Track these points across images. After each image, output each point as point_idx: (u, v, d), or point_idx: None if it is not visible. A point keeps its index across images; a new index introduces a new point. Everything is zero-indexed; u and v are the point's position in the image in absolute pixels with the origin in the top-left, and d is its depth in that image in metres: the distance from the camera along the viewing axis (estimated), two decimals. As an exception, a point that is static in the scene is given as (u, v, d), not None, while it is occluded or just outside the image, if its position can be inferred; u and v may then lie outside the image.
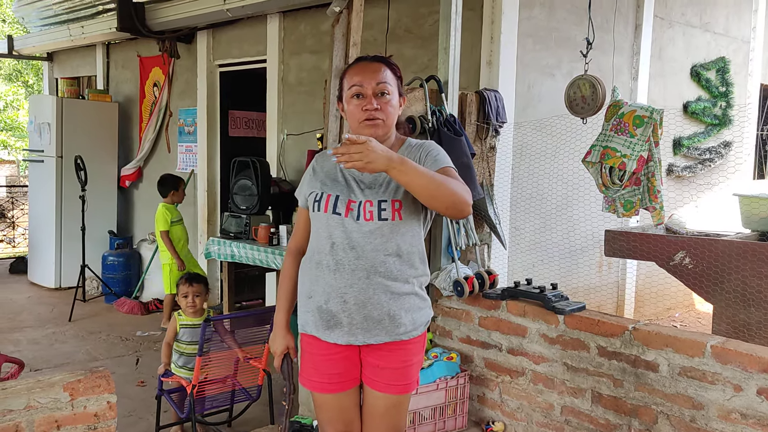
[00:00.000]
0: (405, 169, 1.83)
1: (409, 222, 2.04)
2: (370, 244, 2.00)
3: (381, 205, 2.00)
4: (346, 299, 2.01)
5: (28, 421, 2.33)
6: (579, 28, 4.35)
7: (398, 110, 2.11)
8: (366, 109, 2.02)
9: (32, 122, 7.07)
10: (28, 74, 17.09)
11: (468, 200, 1.94)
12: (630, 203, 3.63)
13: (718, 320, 3.83)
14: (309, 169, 2.20)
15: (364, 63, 2.11)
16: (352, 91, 2.05)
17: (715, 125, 5.99)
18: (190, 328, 3.37)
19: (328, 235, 2.04)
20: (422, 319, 2.10)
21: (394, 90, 2.08)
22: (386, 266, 2.01)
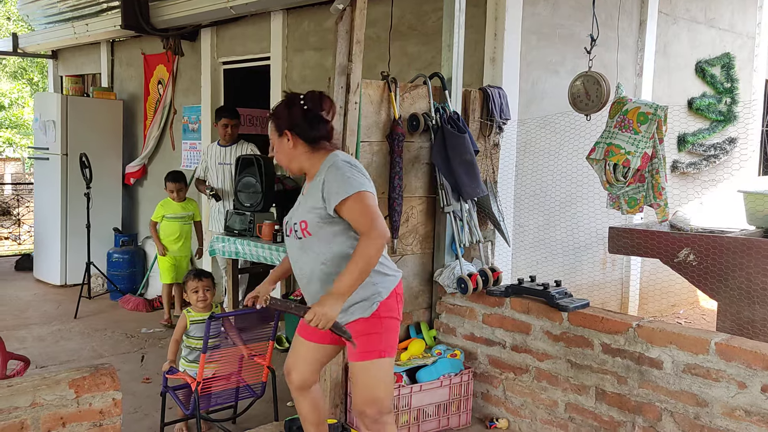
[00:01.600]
0: (345, 294, 2.28)
1: (320, 235, 2.42)
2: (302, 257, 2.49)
3: (295, 226, 2.48)
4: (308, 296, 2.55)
5: (34, 419, 2.35)
6: (583, 25, 4.34)
7: (289, 145, 2.46)
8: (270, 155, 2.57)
9: (37, 120, 7.09)
10: (33, 72, 17.14)
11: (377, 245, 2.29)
12: (634, 200, 3.62)
13: (723, 317, 3.82)
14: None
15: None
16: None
17: (720, 121, 5.97)
18: (200, 323, 3.36)
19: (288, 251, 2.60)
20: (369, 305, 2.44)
21: (274, 139, 2.51)
22: (319, 272, 2.44)
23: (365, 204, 2.32)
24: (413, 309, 3.75)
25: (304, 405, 2.73)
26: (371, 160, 3.41)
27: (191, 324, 3.37)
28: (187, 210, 5.61)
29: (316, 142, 2.45)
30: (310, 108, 2.44)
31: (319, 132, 2.44)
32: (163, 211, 5.52)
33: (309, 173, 2.50)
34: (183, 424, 3.51)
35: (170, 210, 5.53)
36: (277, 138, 2.48)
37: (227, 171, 5.31)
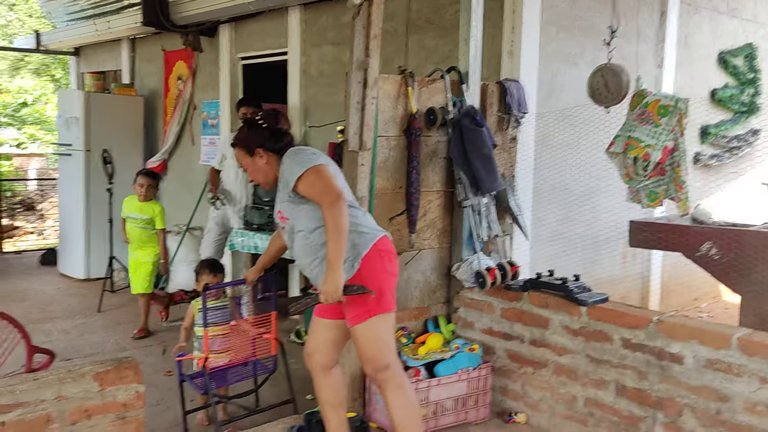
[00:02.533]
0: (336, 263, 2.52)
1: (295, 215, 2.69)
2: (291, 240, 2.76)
3: (275, 219, 2.81)
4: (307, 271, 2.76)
5: (60, 411, 2.39)
6: (603, 16, 4.29)
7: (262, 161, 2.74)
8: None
9: (60, 116, 7.19)
10: (56, 69, 17.34)
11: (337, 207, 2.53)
12: (655, 194, 3.59)
13: (746, 311, 3.78)
14: None
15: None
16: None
17: (743, 113, 5.88)
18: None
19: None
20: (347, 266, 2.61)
21: (248, 161, 2.77)
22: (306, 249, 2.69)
23: (314, 177, 2.59)
24: (431, 303, 3.75)
25: (325, 387, 2.84)
26: (388, 155, 3.42)
27: (199, 312, 3.37)
28: (145, 212, 4.97)
29: (283, 151, 2.73)
30: (269, 125, 2.77)
31: (284, 142, 2.76)
32: (126, 208, 5.08)
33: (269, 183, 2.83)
34: (204, 413, 3.55)
35: (130, 208, 5.04)
36: (249, 159, 2.76)
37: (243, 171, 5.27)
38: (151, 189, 4.98)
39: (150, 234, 5.03)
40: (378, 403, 3.33)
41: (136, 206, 4.98)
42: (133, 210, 4.99)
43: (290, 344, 4.88)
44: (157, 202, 5.12)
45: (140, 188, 4.95)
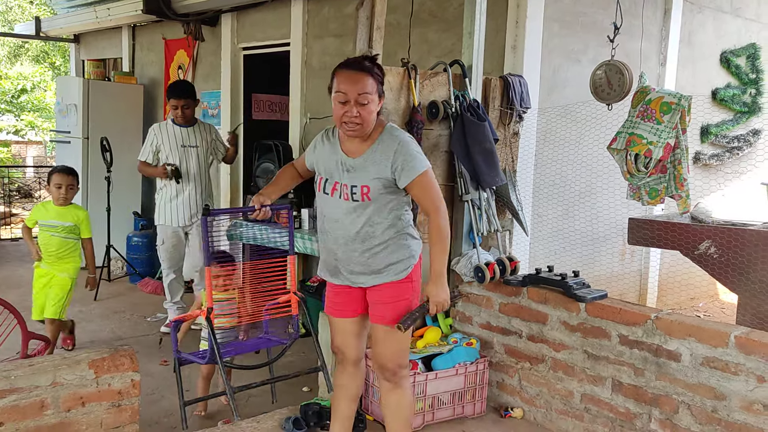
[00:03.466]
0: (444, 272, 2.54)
1: (381, 200, 2.52)
2: (350, 218, 2.54)
3: (353, 189, 2.51)
4: (337, 259, 2.62)
5: (54, 397, 2.39)
6: (606, 13, 4.27)
7: (378, 108, 2.49)
8: (347, 115, 2.43)
9: (59, 103, 7.16)
10: (55, 56, 17.28)
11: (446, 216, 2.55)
12: (655, 191, 3.58)
13: (743, 311, 3.77)
14: (315, 141, 2.71)
15: (349, 72, 2.45)
16: (337, 96, 2.44)
17: (744, 113, 5.87)
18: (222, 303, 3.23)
19: (321, 209, 2.65)
20: (404, 267, 2.58)
21: (373, 97, 2.45)
22: (366, 232, 2.53)
23: (429, 180, 2.52)
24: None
25: (353, 379, 2.81)
26: (390, 148, 3.40)
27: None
28: (66, 219, 4.13)
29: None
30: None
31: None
32: (38, 215, 4.17)
33: (363, 138, 2.53)
34: (202, 405, 3.53)
35: (45, 215, 4.14)
36: (376, 98, 2.47)
37: (194, 154, 4.83)
38: (71, 190, 4.13)
39: (72, 245, 4.18)
40: (374, 396, 3.33)
41: (54, 212, 4.11)
42: (50, 217, 4.11)
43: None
44: (80, 206, 4.36)
45: (58, 190, 4.09)
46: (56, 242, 4.12)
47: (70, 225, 4.14)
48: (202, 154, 4.88)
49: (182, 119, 4.78)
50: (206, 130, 4.93)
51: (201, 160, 4.86)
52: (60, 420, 2.40)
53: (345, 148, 2.58)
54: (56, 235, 4.12)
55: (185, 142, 4.81)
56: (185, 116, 4.77)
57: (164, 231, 4.85)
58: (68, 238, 4.16)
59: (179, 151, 4.79)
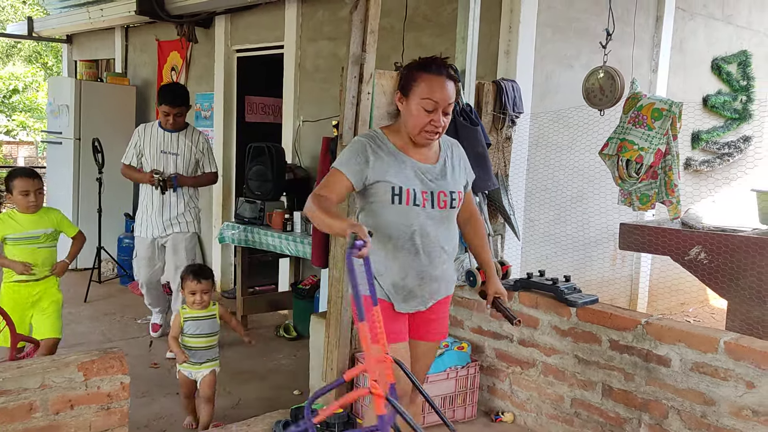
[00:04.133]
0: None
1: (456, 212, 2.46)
2: (439, 228, 2.38)
3: (452, 195, 2.38)
4: (423, 276, 2.38)
5: (42, 400, 2.37)
6: (599, 19, 4.29)
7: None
8: (433, 124, 2.30)
9: (51, 104, 7.13)
10: (48, 56, 17.21)
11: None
12: (646, 197, 3.60)
13: (733, 316, 3.80)
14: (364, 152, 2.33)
15: (440, 79, 2.30)
16: (425, 103, 2.28)
17: (735, 119, 5.91)
18: (196, 320, 3.33)
19: (408, 224, 2.33)
20: (455, 277, 2.59)
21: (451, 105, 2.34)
22: (448, 245, 2.42)
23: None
24: (421, 301, 3.74)
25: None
26: (382, 151, 3.40)
27: (185, 321, 3.30)
28: (44, 225, 3.53)
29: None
30: None
31: None
32: (3, 230, 3.47)
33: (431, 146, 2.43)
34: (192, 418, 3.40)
35: (16, 227, 3.47)
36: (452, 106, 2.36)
37: (172, 162, 4.47)
38: (40, 195, 3.54)
39: (51, 255, 3.63)
40: (365, 399, 3.32)
41: (26, 221, 3.48)
42: (25, 227, 3.47)
43: (278, 339, 4.87)
44: (49, 207, 3.75)
45: (25, 197, 3.43)
46: (44, 254, 3.55)
47: (51, 231, 3.57)
48: (182, 163, 4.48)
49: (172, 126, 4.48)
50: (194, 140, 4.54)
51: (180, 170, 4.48)
52: (49, 423, 2.39)
53: (414, 156, 2.38)
54: (43, 246, 3.53)
55: (165, 148, 4.47)
56: (176, 124, 4.48)
57: (139, 243, 4.63)
58: (52, 246, 3.62)
59: (157, 157, 4.46)
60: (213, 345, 3.37)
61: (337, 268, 3.28)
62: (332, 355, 3.34)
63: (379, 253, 2.34)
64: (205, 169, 4.61)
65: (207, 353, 3.35)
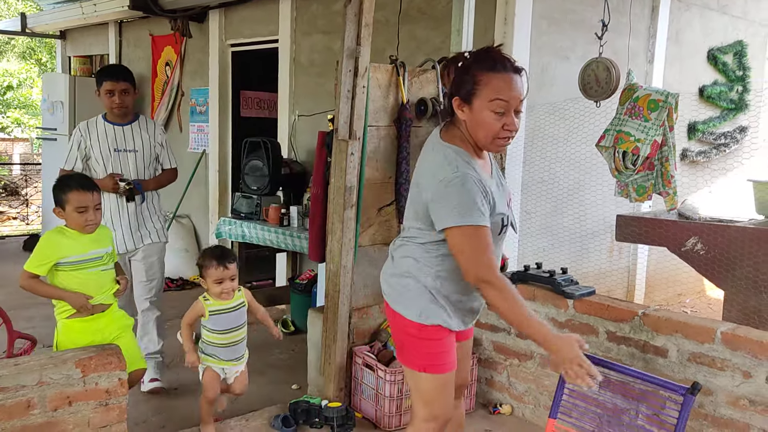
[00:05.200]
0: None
1: None
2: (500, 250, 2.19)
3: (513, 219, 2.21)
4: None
5: (40, 397, 2.37)
6: (594, 10, 4.29)
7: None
8: (507, 128, 2.00)
9: (45, 100, 7.10)
10: (42, 52, 17.15)
11: None
12: (643, 188, 3.60)
13: (729, 306, 3.81)
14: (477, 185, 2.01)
15: (510, 76, 2.01)
16: (495, 104, 1.98)
17: (731, 110, 5.92)
18: (223, 313, 2.90)
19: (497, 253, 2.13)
20: None
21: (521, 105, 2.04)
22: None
23: None
24: (418, 294, 3.74)
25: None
26: (378, 145, 3.40)
27: (210, 315, 2.87)
28: (106, 244, 2.92)
29: None
30: None
31: None
32: (58, 252, 2.79)
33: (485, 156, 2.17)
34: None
35: (74, 247, 2.80)
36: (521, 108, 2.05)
37: (131, 162, 3.66)
38: (98, 211, 2.88)
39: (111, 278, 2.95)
40: (364, 393, 3.33)
41: (88, 240, 2.84)
42: (87, 247, 2.82)
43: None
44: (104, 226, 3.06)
45: (82, 214, 2.79)
46: (108, 276, 2.90)
47: (112, 250, 2.98)
48: (141, 162, 3.68)
49: (119, 111, 3.65)
50: (150, 132, 3.78)
51: (141, 170, 3.68)
52: (47, 420, 2.39)
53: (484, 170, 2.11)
54: (107, 268, 2.89)
55: (120, 146, 3.65)
56: (123, 105, 3.65)
57: None
58: (109, 268, 2.94)
59: (111, 157, 3.62)
60: (245, 335, 3.00)
61: (334, 262, 3.28)
62: (330, 349, 3.34)
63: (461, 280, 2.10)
64: (164, 166, 3.85)
65: (242, 346, 2.99)
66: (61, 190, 2.85)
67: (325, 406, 3.16)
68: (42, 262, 2.81)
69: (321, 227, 3.42)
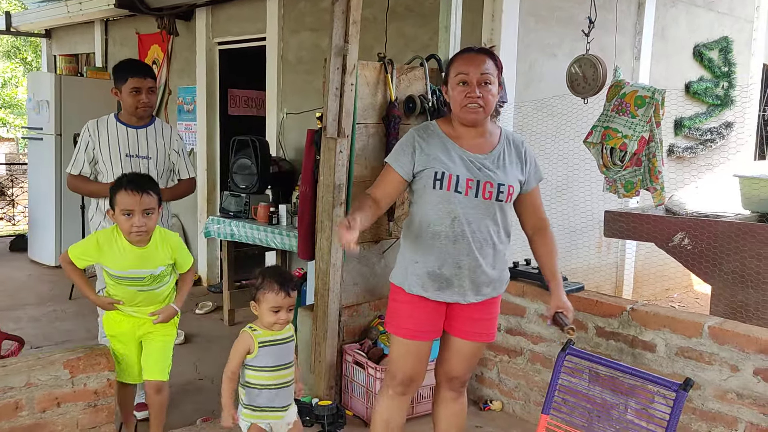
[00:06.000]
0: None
1: (510, 204, 2.41)
2: (485, 219, 2.32)
3: (500, 188, 2.31)
4: (461, 265, 2.32)
5: (29, 398, 2.35)
6: (581, 7, 4.30)
7: (496, 99, 2.33)
8: (469, 96, 2.26)
9: (31, 99, 7.04)
10: (27, 51, 16.99)
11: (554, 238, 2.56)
12: (631, 184, 3.62)
13: (716, 301, 3.84)
14: (412, 142, 2.37)
15: (470, 54, 2.33)
16: (457, 78, 2.28)
17: (717, 105, 5.96)
18: (272, 345, 2.37)
19: (448, 210, 2.30)
20: (506, 279, 2.51)
21: (494, 80, 2.30)
22: (498, 239, 2.37)
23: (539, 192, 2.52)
24: (408, 291, 3.75)
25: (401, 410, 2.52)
26: (367, 143, 3.40)
27: (260, 348, 2.33)
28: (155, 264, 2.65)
29: None
30: None
31: None
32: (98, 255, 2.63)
33: (482, 131, 2.37)
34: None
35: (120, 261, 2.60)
36: (497, 83, 2.31)
37: (144, 169, 3.30)
38: (151, 216, 2.59)
39: (170, 288, 2.77)
40: (354, 391, 3.33)
41: (133, 255, 2.60)
42: (129, 265, 2.60)
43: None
44: (165, 230, 2.75)
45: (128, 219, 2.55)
46: (145, 296, 2.68)
47: (164, 269, 2.68)
48: (155, 170, 3.33)
49: (144, 111, 3.30)
50: (167, 137, 3.42)
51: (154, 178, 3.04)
52: (35, 421, 2.37)
53: (464, 144, 2.35)
54: (145, 289, 2.65)
55: (132, 150, 3.29)
56: (150, 105, 3.32)
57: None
58: (162, 287, 2.70)
59: (122, 163, 3.26)
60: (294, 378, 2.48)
61: (323, 261, 3.27)
62: (320, 347, 3.34)
63: (418, 239, 2.36)
64: (181, 176, 3.50)
65: (290, 390, 2.45)
66: (113, 190, 2.61)
67: (316, 404, 3.16)
68: (81, 255, 2.65)
69: (310, 225, 3.42)
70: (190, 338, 4.63)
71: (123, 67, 3.37)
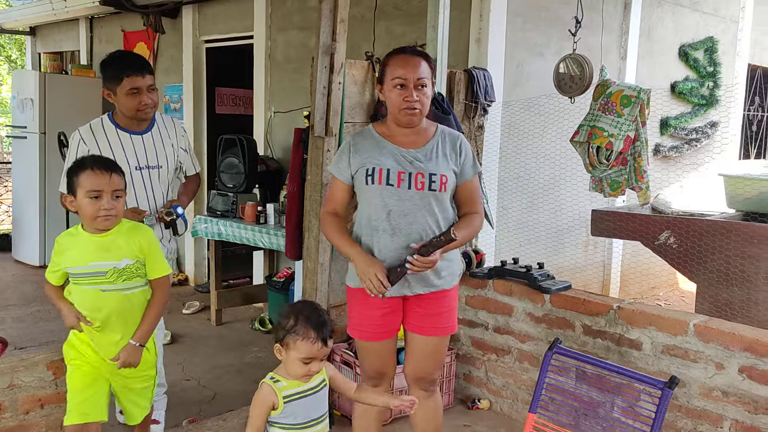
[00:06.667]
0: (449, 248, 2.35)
1: (449, 194, 2.40)
2: (422, 211, 2.34)
3: (432, 177, 2.34)
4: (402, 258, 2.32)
5: (11, 400, 2.33)
6: (568, 7, 4.31)
7: (430, 99, 2.40)
8: (407, 100, 2.32)
9: (15, 98, 6.96)
10: (11, 49, 16.80)
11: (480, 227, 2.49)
12: (616, 183, 3.64)
13: (702, 299, 3.87)
14: (347, 147, 2.46)
15: (406, 56, 2.37)
16: (395, 82, 2.34)
17: (702, 105, 6.01)
18: (300, 398, 1.99)
19: (383, 204, 2.34)
20: (457, 271, 2.51)
21: (429, 83, 2.37)
22: (434, 230, 2.35)
23: (478, 185, 2.52)
24: (396, 291, 3.74)
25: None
26: (355, 141, 3.39)
27: (286, 403, 1.95)
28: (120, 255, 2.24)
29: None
30: None
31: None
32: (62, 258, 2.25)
33: (416, 129, 2.43)
34: None
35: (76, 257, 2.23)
36: (431, 84, 2.39)
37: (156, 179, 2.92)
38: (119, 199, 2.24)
39: (142, 296, 2.32)
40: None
41: (94, 247, 2.23)
42: (91, 257, 2.22)
43: (254, 332, 4.84)
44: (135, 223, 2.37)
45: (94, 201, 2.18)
46: (114, 300, 2.24)
47: (131, 263, 2.26)
48: (166, 177, 2.97)
49: (145, 114, 2.83)
50: (173, 136, 3.00)
51: (165, 186, 2.97)
52: (18, 423, 2.35)
53: (397, 141, 2.42)
54: (111, 288, 2.23)
55: (142, 162, 2.86)
56: (153, 106, 2.85)
57: None
58: (133, 289, 2.28)
59: (132, 178, 2.79)
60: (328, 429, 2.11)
61: (311, 260, 3.26)
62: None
63: (362, 237, 2.41)
64: (188, 172, 3.15)
65: None
66: (73, 171, 2.23)
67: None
68: (52, 268, 2.29)
69: (298, 224, 3.40)
70: (176, 338, 4.61)
71: (115, 64, 2.85)
